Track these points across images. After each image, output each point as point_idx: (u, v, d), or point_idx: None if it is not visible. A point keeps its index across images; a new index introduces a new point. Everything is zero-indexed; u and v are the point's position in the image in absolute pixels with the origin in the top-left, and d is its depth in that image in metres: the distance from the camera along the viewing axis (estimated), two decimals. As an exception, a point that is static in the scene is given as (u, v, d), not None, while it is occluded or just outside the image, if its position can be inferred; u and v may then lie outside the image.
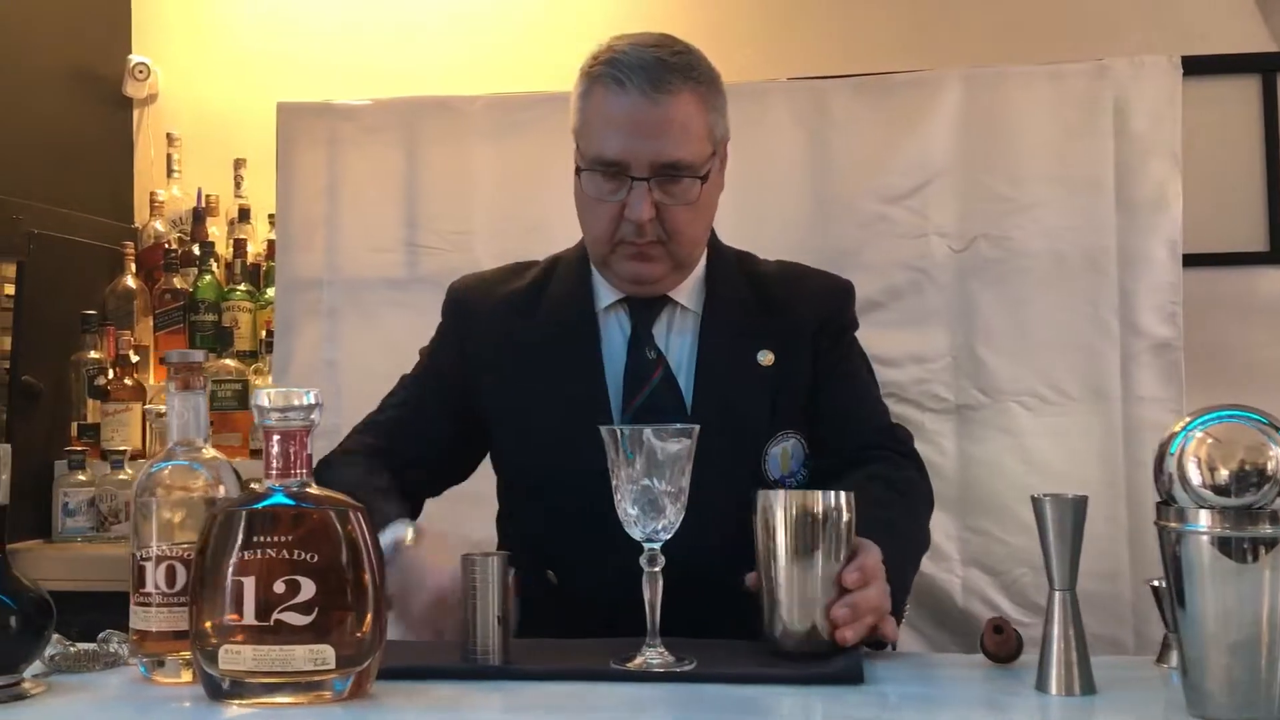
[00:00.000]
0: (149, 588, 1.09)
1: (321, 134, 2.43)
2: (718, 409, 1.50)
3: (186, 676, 1.09)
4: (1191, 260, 2.20)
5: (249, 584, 1.00)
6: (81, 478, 2.52)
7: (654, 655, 1.13)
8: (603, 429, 1.16)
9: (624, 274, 1.55)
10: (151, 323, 2.81)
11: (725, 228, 2.26)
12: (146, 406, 2.62)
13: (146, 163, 3.06)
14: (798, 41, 2.67)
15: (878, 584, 1.19)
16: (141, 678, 1.12)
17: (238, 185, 2.98)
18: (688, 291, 1.59)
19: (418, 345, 2.38)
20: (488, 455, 1.68)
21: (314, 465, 1.56)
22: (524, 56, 2.75)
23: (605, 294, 1.60)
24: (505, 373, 1.59)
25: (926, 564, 2.21)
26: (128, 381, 2.65)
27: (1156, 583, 1.19)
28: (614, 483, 1.15)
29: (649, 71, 1.46)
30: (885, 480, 1.50)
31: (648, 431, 1.14)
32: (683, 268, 1.56)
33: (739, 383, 1.54)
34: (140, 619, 1.10)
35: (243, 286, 2.82)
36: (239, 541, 1.02)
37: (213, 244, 2.86)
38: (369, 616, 1.02)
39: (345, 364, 2.40)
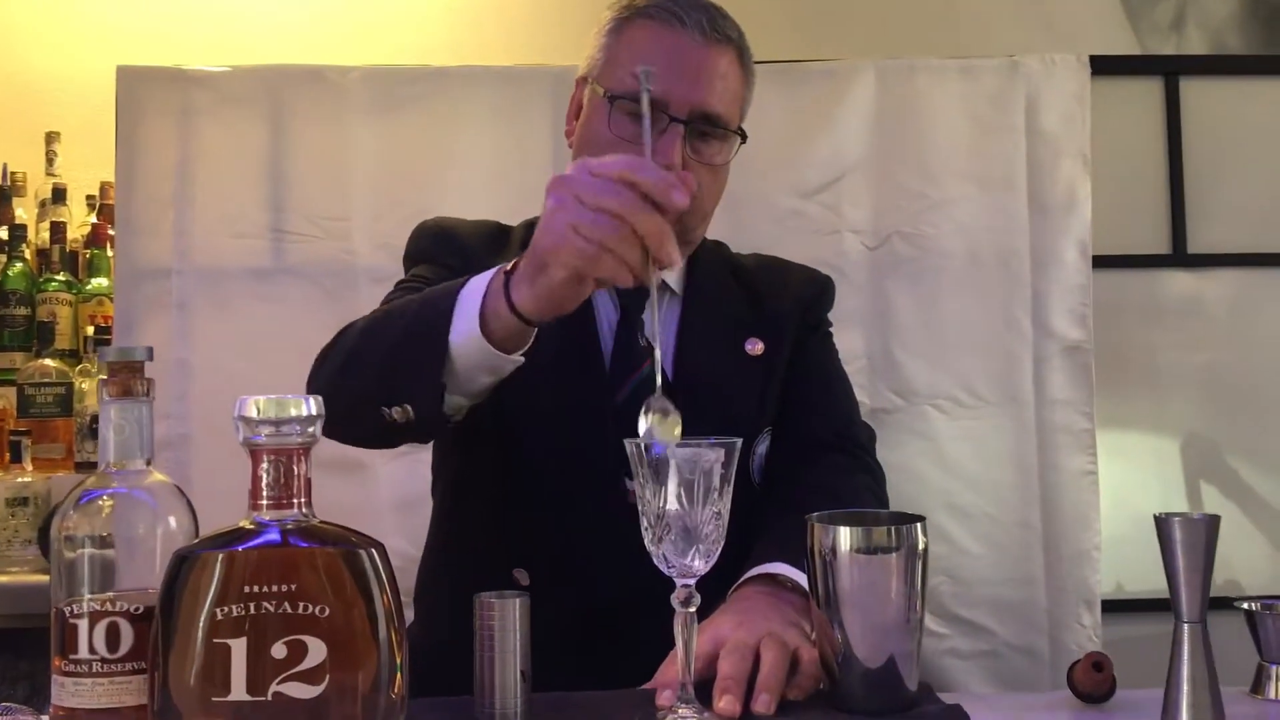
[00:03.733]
0: (82, 653, 0.84)
1: (171, 103, 2.13)
2: (706, 402, 1.33)
3: (137, 767, 0.85)
4: (1097, 262, 2.18)
5: (237, 648, 0.78)
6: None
7: (688, 713, 0.95)
8: (627, 443, 0.98)
9: None
10: (-50, 317, 2.43)
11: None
12: (-51, 414, 2.25)
13: (-63, 134, 2.66)
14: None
15: (740, 653, 1.02)
16: (69, 769, 0.87)
17: (50, 162, 2.63)
18: (674, 275, 1.44)
19: (283, 342, 2.12)
20: None
21: (334, 351, 1.24)
22: (405, 28, 2.51)
23: None
24: None
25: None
26: (-76, 385, 2.28)
27: (1251, 606, 1.09)
28: (639, 506, 0.98)
29: (707, 13, 1.34)
30: (830, 493, 1.33)
31: (674, 447, 0.96)
32: (685, 247, 1.40)
33: (729, 373, 1.40)
34: (69, 693, 0.85)
35: (60, 276, 2.47)
36: (216, 593, 0.79)
37: (24, 227, 2.50)
38: (397, 679, 0.81)
39: (199, 364, 2.11)
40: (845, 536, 0.98)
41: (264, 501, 0.82)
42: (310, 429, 0.83)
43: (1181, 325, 2.19)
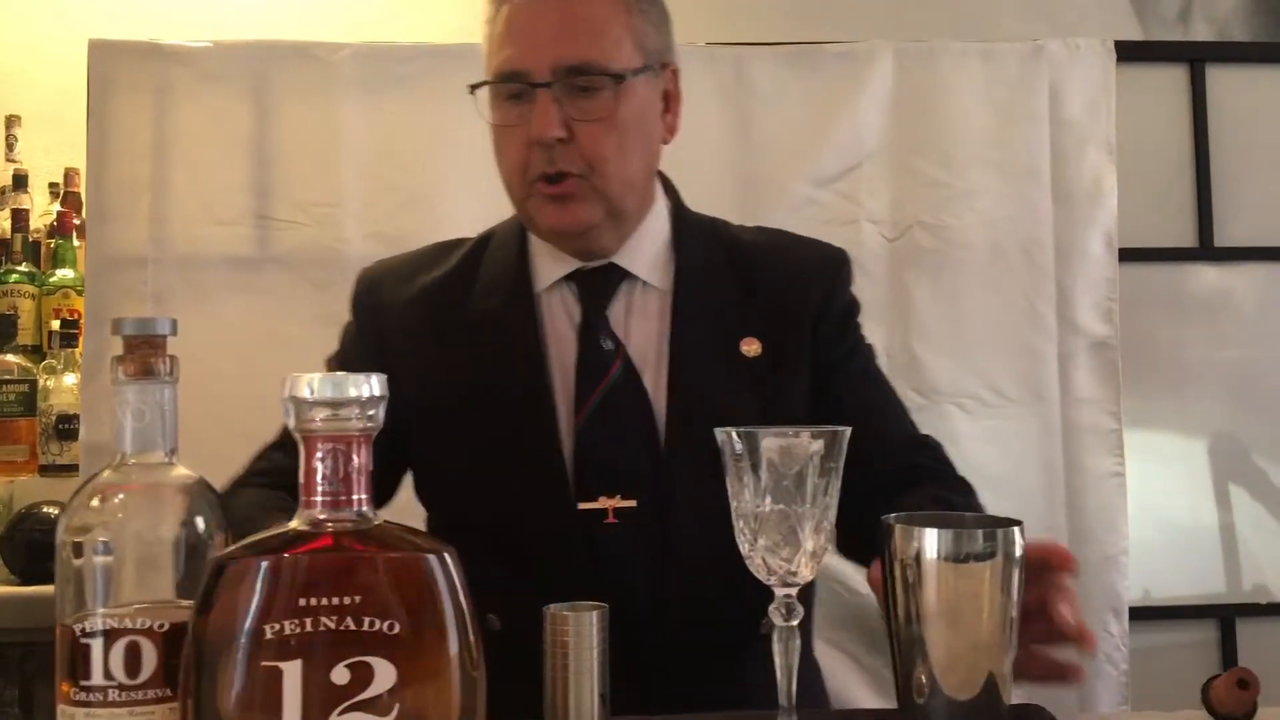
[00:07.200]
0: (96, 678, 0.71)
1: (147, 80, 2.00)
2: (697, 411, 1.21)
3: (161, 813, 0.72)
4: (1120, 255, 2.10)
5: (291, 672, 0.65)
6: None
7: (785, 739, 0.85)
8: (717, 431, 0.87)
9: (544, 222, 1.24)
10: (-98, 310, 2.27)
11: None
12: (-98, 414, 2.09)
13: (-114, 117, 2.49)
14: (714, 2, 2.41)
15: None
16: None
17: (9, 147, 2.46)
18: (648, 263, 1.28)
19: (268, 337, 1.99)
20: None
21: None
22: (398, 3, 2.37)
23: (548, 270, 1.29)
24: (428, 372, 1.25)
25: (858, 582, 2.01)
26: (-125, 383, 2.11)
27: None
28: (733, 506, 0.86)
29: None
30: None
31: (768, 437, 0.85)
32: (620, 218, 1.25)
33: (720, 378, 1.24)
34: (80, 726, 0.72)
35: (23, 267, 2.31)
36: (264, 607, 0.67)
37: (-18, 215, 2.34)
38: (477, 709, 0.69)
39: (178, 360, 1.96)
40: (925, 540, 0.85)
41: (318, 498, 0.69)
42: (371, 412, 0.70)
43: (1208, 321, 2.12)
